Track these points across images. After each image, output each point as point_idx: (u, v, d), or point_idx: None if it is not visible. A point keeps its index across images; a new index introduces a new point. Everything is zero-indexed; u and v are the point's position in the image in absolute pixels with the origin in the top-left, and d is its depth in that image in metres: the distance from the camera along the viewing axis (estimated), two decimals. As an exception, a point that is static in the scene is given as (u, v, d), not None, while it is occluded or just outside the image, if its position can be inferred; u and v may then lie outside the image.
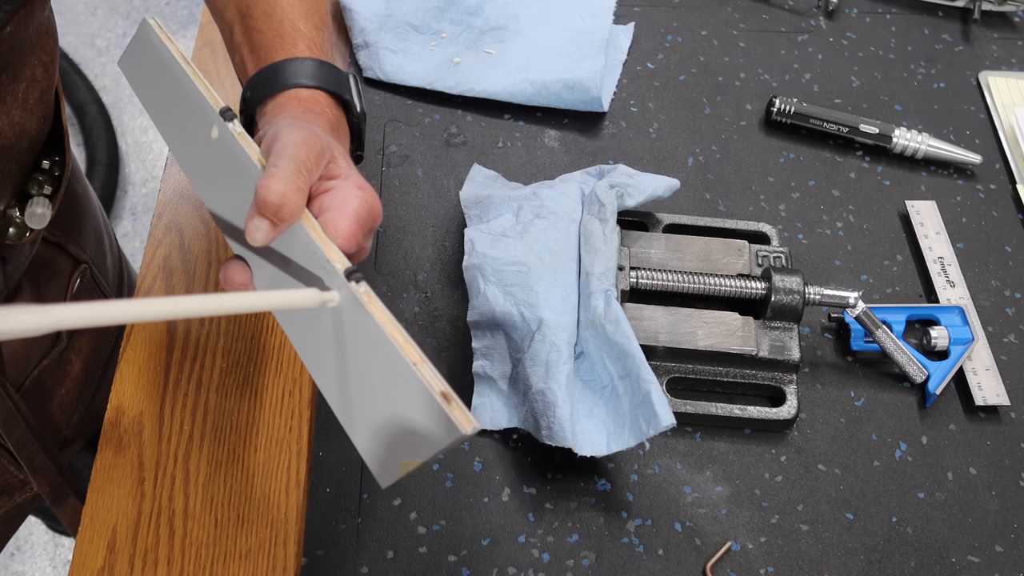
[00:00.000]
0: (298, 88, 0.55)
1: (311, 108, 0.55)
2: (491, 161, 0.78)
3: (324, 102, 0.56)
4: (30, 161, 0.62)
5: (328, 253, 0.46)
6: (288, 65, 0.56)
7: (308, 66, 0.56)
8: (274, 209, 0.46)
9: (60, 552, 1.54)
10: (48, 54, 0.60)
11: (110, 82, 2.04)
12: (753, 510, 0.62)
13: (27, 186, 0.63)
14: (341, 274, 0.45)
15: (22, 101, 0.58)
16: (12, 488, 0.76)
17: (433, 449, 0.42)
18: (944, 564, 0.60)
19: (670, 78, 0.86)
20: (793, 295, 0.65)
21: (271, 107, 0.55)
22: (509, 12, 0.86)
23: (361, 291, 0.45)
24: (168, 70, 0.55)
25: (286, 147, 0.47)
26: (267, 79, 0.56)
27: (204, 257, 0.71)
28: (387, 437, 0.44)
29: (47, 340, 0.74)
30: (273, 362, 0.66)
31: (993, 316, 0.72)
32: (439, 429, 0.41)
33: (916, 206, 0.76)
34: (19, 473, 0.74)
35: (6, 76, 0.56)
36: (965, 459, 0.65)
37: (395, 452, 0.44)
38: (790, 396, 0.65)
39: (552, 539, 0.60)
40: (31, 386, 0.73)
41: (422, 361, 0.42)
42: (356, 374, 0.46)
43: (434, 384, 0.42)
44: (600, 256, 0.65)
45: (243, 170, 0.50)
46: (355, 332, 0.45)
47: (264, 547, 0.59)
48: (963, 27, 0.91)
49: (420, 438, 0.42)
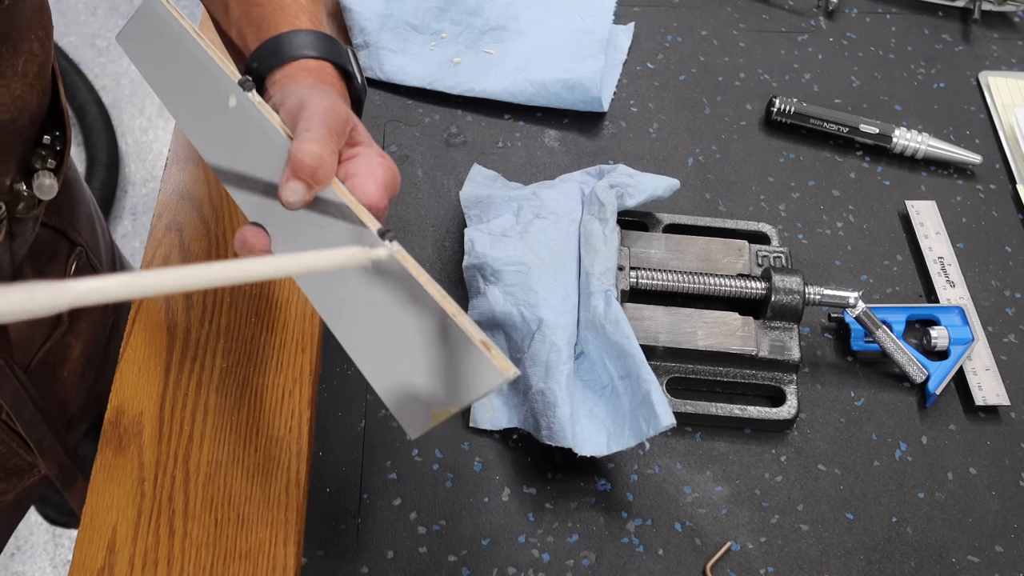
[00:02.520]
0: (306, 59, 0.56)
1: (321, 78, 0.56)
2: (491, 161, 0.78)
3: (331, 73, 0.57)
4: (32, 135, 0.63)
5: (361, 214, 0.48)
6: (294, 36, 0.57)
7: (313, 38, 0.57)
8: (310, 171, 0.47)
9: (60, 552, 1.54)
10: (43, 28, 0.61)
11: (110, 82, 2.04)
12: (753, 510, 0.62)
13: (31, 161, 0.64)
14: (375, 233, 0.47)
15: (22, 75, 0.58)
16: (21, 471, 0.77)
17: (474, 395, 0.44)
18: (944, 564, 0.60)
19: (670, 78, 0.86)
20: (793, 295, 0.65)
21: (280, 76, 0.56)
22: (509, 12, 0.86)
23: (395, 249, 0.46)
24: (178, 42, 0.56)
25: (315, 113, 0.49)
26: (274, 50, 0.57)
27: (204, 257, 0.71)
28: (420, 388, 0.46)
29: (49, 323, 0.75)
30: (273, 362, 0.66)
31: (993, 316, 0.72)
32: (482, 375, 0.43)
33: (916, 206, 0.76)
34: (28, 456, 0.75)
35: (6, 49, 0.56)
36: (965, 459, 0.65)
37: (427, 402, 0.45)
38: (790, 396, 0.65)
39: (552, 539, 0.60)
40: (37, 367, 0.74)
41: (460, 312, 0.44)
42: (388, 330, 0.47)
43: (474, 333, 0.43)
44: (600, 256, 0.65)
45: (265, 138, 0.51)
46: (389, 288, 0.47)
47: (264, 547, 0.59)
48: (963, 27, 0.91)
49: (458, 386, 0.44)
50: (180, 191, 0.74)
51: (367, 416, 0.65)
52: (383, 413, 0.65)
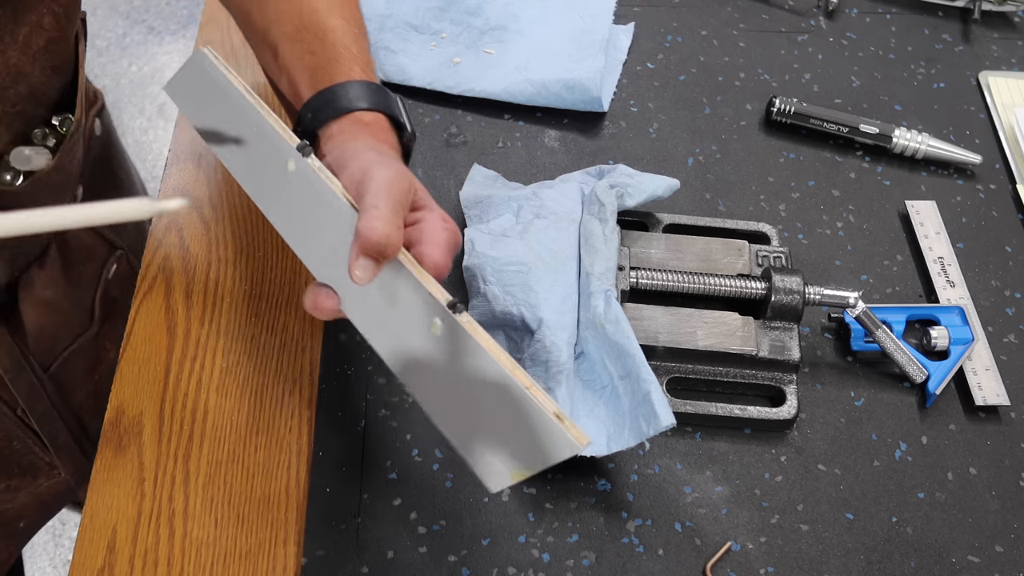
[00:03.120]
0: (360, 112, 0.57)
1: (377, 135, 0.57)
2: (491, 161, 0.78)
3: (384, 126, 0.58)
4: (30, 109, 0.62)
5: (430, 287, 0.49)
6: (348, 88, 0.57)
7: (366, 89, 0.58)
8: (379, 249, 0.48)
9: (60, 552, 1.54)
10: (62, 6, 0.60)
11: (110, 82, 2.04)
12: (753, 510, 0.62)
13: (29, 135, 0.63)
14: (444, 306, 0.48)
15: (23, 44, 0.58)
16: (37, 469, 0.76)
17: (549, 462, 0.46)
18: (944, 564, 0.60)
19: (670, 78, 0.86)
20: (793, 295, 0.65)
21: (336, 130, 0.57)
22: (509, 12, 0.86)
23: (464, 320, 0.48)
24: (230, 100, 0.57)
25: (381, 185, 0.49)
26: (329, 101, 0.57)
27: (204, 257, 0.71)
28: (497, 449, 0.48)
29: (78, 324, 0.74)
30: (273, 362, 0.66)
31: (993, 316, 0.72)
32: (557, 444, 0.46)
33: (916, 206, 0.76)
34: (44, 455, 0.75)
35: (4, 13, 0.56)
36: (965, 459, 0.65)
37: (505, 462, 0.48)
38: (790, 396, 0.65)
39: (552, 539, 0.60)
40: (60, 367, 0.74)
41: (532, 384, 0.46)
42: (463, 393, 0.49)
43: (547, 406, 0.45)
44: (600, 256, 0.65)
45: (327, 205, 0.52)
46: (461, 359, 0.48)
47: (264, 547, 0.59)
48: (963, 27, 0.91)
49: (535, 452, 0.46)
50: (180, 191, 0.75)
51: (367, 416, 0.65)
52: (383, 413, 0.65)
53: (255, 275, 0.70)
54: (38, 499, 0.79)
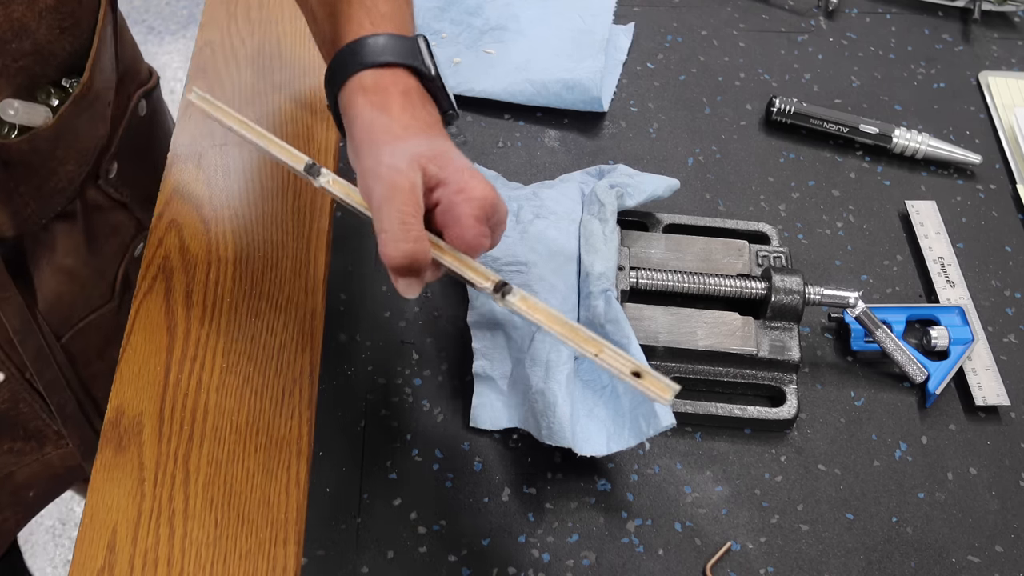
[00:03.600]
0: (360, 73, 0.54)
1: (375, 102, 0.54)
2: (491, 161, 0.78)
3: (389, 81, 0.54)
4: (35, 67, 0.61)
5: (471, 276, 0.49)
6: (349, 52, 0.55)
7: (369, 45, 0.55)
8: (406, 267, 0.48)
9: (60, 552, 1.54)
10: None
11: (110, 82, 2.04)
12: (753, 510, 0.62)
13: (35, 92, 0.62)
14: (491, 292, 0.49)
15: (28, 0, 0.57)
16: (44, 436, 0.76)
17: None
18: (944, 564, 0.60)
19: (670, 78, 0.86)
20: (793, 295, 0.65)
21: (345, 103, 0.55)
22: (509, 12, 0.86)
23: (516, 300, 0.48)
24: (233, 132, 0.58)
25: (381, 204, 0.49)
26: (336, 69, 0.55)
27: (204, 257, 0.71)
28: None
29: (97, 294, 0.74)
30: (273, 362, 0.66)
31: (993, 316, 0.72)
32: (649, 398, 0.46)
33: (916, 206, 0.76)
34: (51, 422, 0.75)
35: None
36: (965, 459, 0.65)
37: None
38: (790, 396, 0.65)
39: (552, 539, 0.60)
40: (74, 337, 0.73)
41: (601, 350, 0.45)
42: None
43: (624, 366, 0.45)
44: (600, 256, 0.65)
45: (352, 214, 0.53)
46: None
47: (264, 547, 0.59)
48: (963, 27, 0.91)
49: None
50: (180, 191, 0.74)
51: (367, 416, 0.65)
52: (383, 413, 0.65)
53: (255, 275, 0.70)
54: (47, 468, 0.79)
